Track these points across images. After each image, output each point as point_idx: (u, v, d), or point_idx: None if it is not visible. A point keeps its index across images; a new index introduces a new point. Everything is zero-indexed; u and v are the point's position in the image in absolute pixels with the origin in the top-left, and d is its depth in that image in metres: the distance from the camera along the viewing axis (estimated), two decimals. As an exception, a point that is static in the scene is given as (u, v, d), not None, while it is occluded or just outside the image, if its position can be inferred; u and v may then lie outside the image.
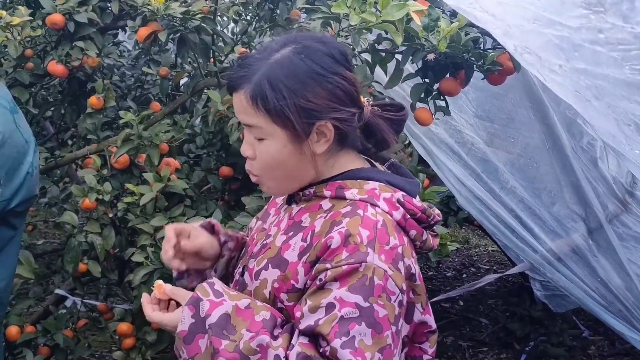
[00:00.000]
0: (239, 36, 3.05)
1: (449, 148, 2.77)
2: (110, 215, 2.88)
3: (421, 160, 2.98)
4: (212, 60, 2.91)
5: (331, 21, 1.97)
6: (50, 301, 3.26)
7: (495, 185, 2.72)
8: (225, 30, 3.22)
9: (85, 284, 3.20)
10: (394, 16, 1.87)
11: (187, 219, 2.80)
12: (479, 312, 4.56)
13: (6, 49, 2.78)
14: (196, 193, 3.13)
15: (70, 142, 3.66)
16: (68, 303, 3.43)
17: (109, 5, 2.97)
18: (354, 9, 1.82)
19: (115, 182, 2.93)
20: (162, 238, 2.76)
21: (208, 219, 1.63)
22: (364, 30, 1.92)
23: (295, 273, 1.34)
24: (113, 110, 3.30)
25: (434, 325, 1.47)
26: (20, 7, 2.72)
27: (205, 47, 2.62)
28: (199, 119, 3.33)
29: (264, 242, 1.46)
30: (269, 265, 1.40)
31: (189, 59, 3.07)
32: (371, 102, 1.42)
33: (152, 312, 1.41)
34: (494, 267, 5.40)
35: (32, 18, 2.72)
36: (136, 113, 2.96)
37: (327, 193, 1.40)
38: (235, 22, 2.96)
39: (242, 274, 1.48)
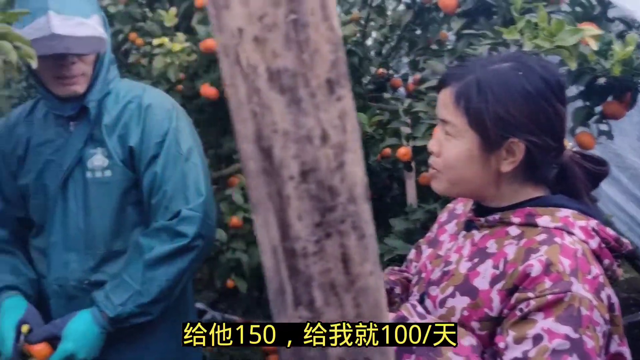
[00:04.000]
0: (381, 58, 3.08)
1: (606, 172, 2.66)
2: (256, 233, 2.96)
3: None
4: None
5: (498, 47, 1.95)
6: (193, 314, 3.39)
7: (660, 213, 2.58)
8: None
9: (224, 300, 3.31)
10: (568, 41, 1.82)
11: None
12: None
13: (161, 73, 2.93)
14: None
15: (210, 161, 3.79)
16: (207, 317, 3.55)
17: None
18: (526, 34, 1.80)
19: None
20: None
21: None
22: (533, 55, 1.88)
23: (489, 301, 1.31)
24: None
25: (629, 358, 1.42)
26: (178, 33, 2.86)
27: (353, 70, 2.66)
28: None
29: (445, 269, 1.44)
30: (457, 292, 1.37)
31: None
32: (574, 149, 1.39)
33: None
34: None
35: (189, 44, 2.85)
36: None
37: (515, 220, 1.36)
38: (381, 44, 2.99)
39: (421, 302, 1.47)
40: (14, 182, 1.98)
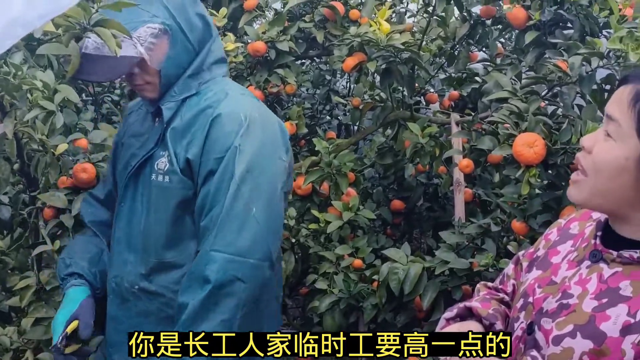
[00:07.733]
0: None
1: None
2: (293, 240, 2.90)
3: None
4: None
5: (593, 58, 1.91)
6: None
7: None
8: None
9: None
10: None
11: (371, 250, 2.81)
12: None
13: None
14: (367, 224, 3.13)
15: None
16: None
17: (302, 35, 3.05)
18: (629, 45, 1.78)
19: (296, 208, 2.96)
20: (347, 267, 2.77)
21: (463, 303, 1.45)
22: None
23: (619, 353, 1.15)
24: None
25: None
26: (229, 33, 2.81)
27: (411, 79, 2.63)
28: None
29: (564, 302, 1.27)
30: (578, 334, 1.21)
31: (378, 91, 3.10)
32: None
33: None
34: None
35: (240, 44, 2.81)
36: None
37: None
38: (435, 56, 2.98)
39: (529, 332, 1.30)
40: None
